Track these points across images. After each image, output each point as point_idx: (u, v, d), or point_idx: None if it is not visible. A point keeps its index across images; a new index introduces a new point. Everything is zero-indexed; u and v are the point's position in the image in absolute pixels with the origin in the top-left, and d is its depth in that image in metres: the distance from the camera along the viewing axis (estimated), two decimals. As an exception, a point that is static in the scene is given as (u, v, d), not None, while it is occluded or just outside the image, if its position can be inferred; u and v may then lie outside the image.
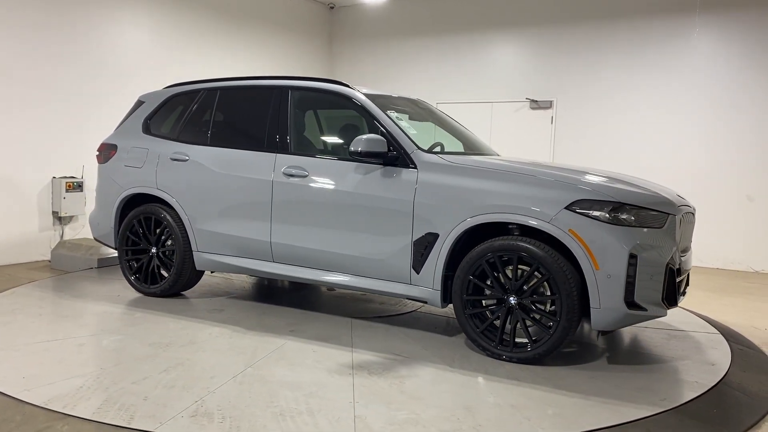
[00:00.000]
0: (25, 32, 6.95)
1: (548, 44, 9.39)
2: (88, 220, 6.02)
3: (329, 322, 4.89)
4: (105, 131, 7.31)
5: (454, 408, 3.32)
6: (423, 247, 4.32)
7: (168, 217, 5.36)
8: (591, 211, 3.87)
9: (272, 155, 4.95)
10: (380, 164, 4.51)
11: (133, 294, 5.54)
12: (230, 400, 3.32)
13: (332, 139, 5.32)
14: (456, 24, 10.16)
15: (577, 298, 3.86)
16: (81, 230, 7.58)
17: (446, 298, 4.35)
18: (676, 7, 8.46)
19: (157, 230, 5.45)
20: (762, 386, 3.94)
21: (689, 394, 3.63)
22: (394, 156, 4.47)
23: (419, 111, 5.67)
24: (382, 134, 4.56)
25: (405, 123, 4.78)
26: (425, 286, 4.36)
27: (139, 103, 5.92)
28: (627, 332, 4.96)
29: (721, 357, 4.38)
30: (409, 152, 4.46)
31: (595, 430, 3.12)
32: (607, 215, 3.86)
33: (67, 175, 7.43)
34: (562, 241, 3.89)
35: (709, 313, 5.72)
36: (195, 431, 2.95)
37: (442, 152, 4.76)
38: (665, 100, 8.59)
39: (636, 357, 4.42)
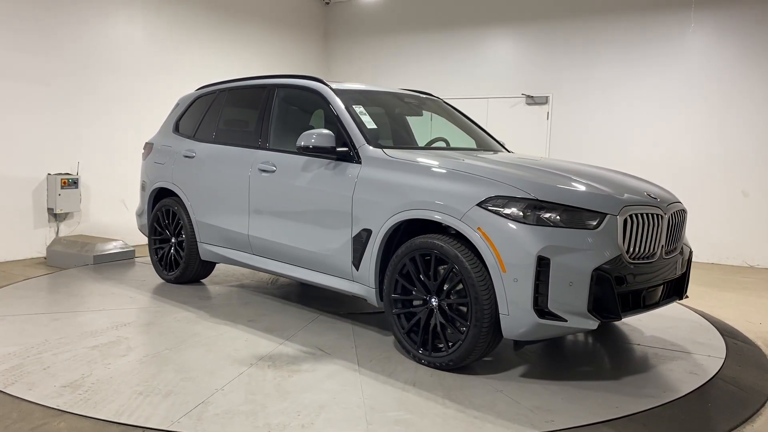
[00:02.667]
0: (20, 29, 6.93)
1: (544, 40, 9.33)
2: (135, 213, 6.65)
3: (295, 315, 4.95)
4: (100, 128, 7.81)
5: (308, 405, 3.23)
6: (360, 243, 4.23)
7: (181, 210, 5.78)
8: (503, 209, 3.54)
9: (254, 151, 5.14)
10: (334, 159, 4.50)
11: (157, 281, 6.03)
12: (114, 376, 3.55)
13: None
14: (451, 19, 10.11)
15: (489, 302, 3.55)
16: (76, 227, 7.64)
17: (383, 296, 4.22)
18: (671, 3, 8.40)
19: (174, 222, 5.90)
20: (757, 380, 3.90)
21: (684, 388, 3.60)
22: (346, 151, 4.43)
23: (416, 106, 5.55)
24: (338, 129, 4.54)
25: (368, 118, 4.68)
26: (364, 283, 4.27)
27: (176, 105, 6.43)
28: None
29: (716, 351, 4.35)
30: (357, 147, 4.40)
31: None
32: (521, 213, 3.50)
33: (62, 172, 7.41)
34: (470, 239, 3.61)
35: (704, 308, 5.66)
36: (51, 398, 3.22)
37: (402, 147, 4.63)
38: (660, 95, 8.50)
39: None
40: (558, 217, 3.50)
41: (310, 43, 11.05)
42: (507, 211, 3.53)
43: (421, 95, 5.79)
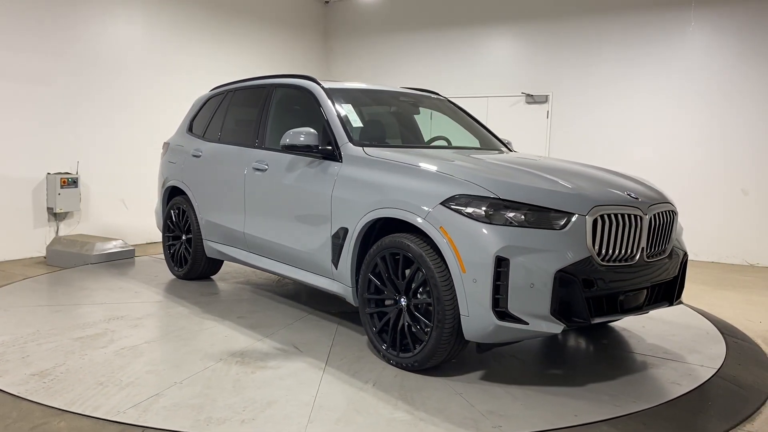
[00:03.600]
0: (19, 28, 6.91)
1: (543, 38, 9.26)
2: (154, 211, 6.84)
3: (286, 313, 4.98)
4: (100, 127, 7.81)
5: (258, 402, 3.25)
6: (338, 241, 4.22)
7: (189, 208, 5.92)
8: (466, 208, 3.46)
9: (251, 150, 5.21)
10: (319, 158, 4.50)
11: (168, 277, 6.19)
12: (84, 366, 3.66)
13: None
14: (451, 18, 10.04)
15: (451, 303, 3.47)
16: (76, 226, 7.61)
17: (360, 295, 4.19)
18: (671, 2, 8.31)
19: (183, 220, 6.05)
20: (757, 379, 3.90)
21: (663, 398, 3.49)
22: (330, 150, 4.43)
23: (411, 105, 5.51)
24: (325, 127, 4.55)
25: (355, 117, 4.67)
26: (342, 281, 4.26)
27: (192, 105, 6.59)
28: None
29: (716, 350, 4.35)
30: (340, 145, 4.39)
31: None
32: (482, 212, 3.41)
33: (62, 171, 7.38)
34: (433, 238, 3.54)
35: (704, 306, 5.63)
36: (15, 386, 3.36)
37: (385, 146, 4.59)
38: (660, 94, 8.41)
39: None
40: (522, 217, 3.39)
41: (310, 42, 11.00)
42: (469, 210, 3.44)
43: (432, 95, 5.74)
